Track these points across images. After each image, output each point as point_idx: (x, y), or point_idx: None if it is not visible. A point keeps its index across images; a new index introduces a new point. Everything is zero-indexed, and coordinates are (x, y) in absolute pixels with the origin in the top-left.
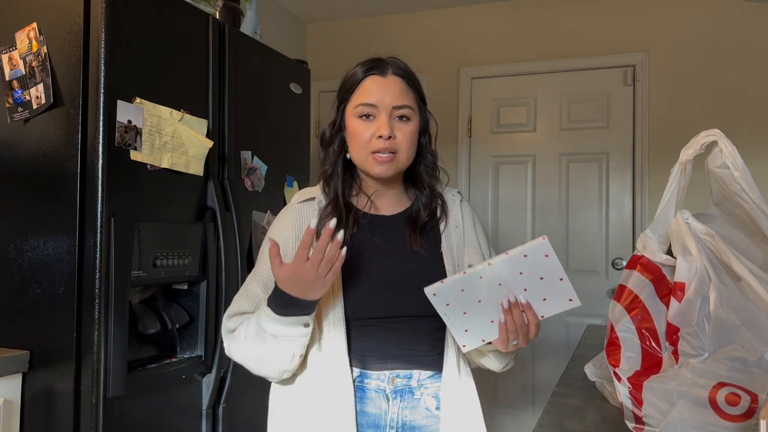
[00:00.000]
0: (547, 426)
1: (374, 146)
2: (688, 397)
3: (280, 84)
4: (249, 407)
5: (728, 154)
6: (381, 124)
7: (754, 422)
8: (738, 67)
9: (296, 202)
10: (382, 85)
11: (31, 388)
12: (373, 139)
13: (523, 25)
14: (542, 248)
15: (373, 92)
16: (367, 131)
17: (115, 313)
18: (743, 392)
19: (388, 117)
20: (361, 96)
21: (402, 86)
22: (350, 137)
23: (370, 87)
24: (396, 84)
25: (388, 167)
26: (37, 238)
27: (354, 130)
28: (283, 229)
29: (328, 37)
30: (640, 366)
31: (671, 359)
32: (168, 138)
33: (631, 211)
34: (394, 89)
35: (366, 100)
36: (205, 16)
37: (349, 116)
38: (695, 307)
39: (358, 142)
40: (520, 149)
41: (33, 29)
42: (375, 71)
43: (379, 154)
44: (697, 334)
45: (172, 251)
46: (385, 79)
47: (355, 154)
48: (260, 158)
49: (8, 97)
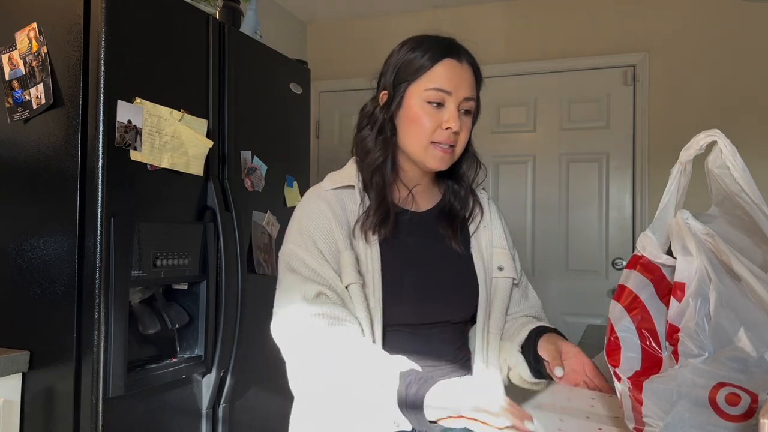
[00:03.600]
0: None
1: (438, 137)
2: (689, 397)
3: (280, 84)
4: (249, 407)
5: (728, 154)
6: (451, 115)
7: (755, 422)
8: (738, 67)
9: (330, 188)
10: (459, 73)
11: (31, 388)
12: (439, 130)
13: (523, 25)
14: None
15: (451, 78)
16: (433, 120)
17: (115, 313)
18: (743, 392)
19: (456, 108)
20: (436, 80)
21: (472, 77)
22: (408, 122)
23: (446, 71)
24: (469, 73)
25: (447, 160)
26: (37, 238)
27: (416, 116)
28: (323, 219)
29: (328, 37)
30: (640, 366)
31: (671, 359)
32: (168, 138)
33: (631, 211)
34: (468, 79)
35: (442, 86)
36: (205, 16)
37: (413, 99)
38: (695, 307)
39: (420, 130)
40: (520, 149)
41: (33, 29)
42: (452, 55)
43: (441, 145)
44: (697, 334)
45: (172, 251)
46: (461, 67)
47: (412, 141)
48: (260, 158)
49: (8, 97)
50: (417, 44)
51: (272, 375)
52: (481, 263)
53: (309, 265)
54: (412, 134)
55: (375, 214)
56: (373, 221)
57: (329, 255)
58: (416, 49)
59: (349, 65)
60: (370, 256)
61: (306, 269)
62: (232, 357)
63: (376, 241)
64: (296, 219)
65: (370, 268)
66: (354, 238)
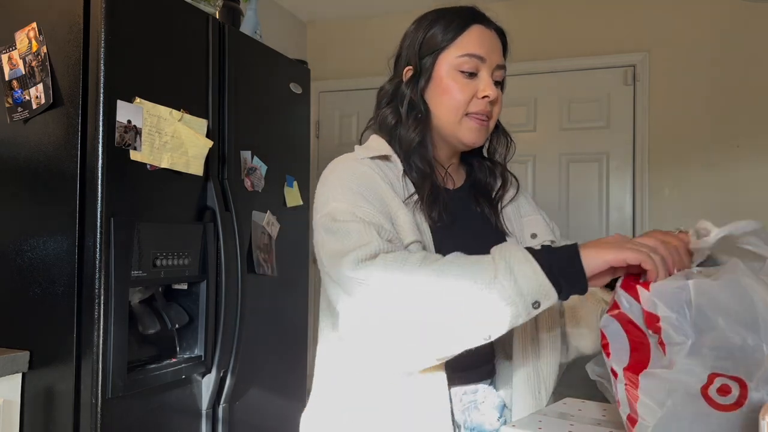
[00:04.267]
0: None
1: (473, 108)
2: (682, 389)
3: (280, 84)
4: (249, 407)
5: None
6: (487, 83)
7: (746, 410)
8: (738, 66)
9: (365, 157)
10: (490, 39)
11: (31, 388)
12: (474, 100)
13: (523, 25)
14: None
15: (482, 44)
16: (466, 90)
17: (114, 313)
18: (733, 381)
19: (490, 76)
20: (469, 46)
21: (501, 45)
22: (440, 94)
23: (479, 36)
24: (498, 41)
25: (484, 133)
26: (37, 238)
27: (448, 86)
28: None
29: (328, 37)
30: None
31: (658, 349)
32: (168, 138)
33: (631, 211)
34: (498, 46)
35: (476, 51)
36: (205, 16)
37: (443, 68)
38: (675, 293)
39: (454, 101)
40: (520, 149)
41: (33, 29)
42: (481, 21)
43: (477, 116)
44: (679, 322)
45: (172, 251)
46: (491, 33)
47: (444, 114)
48: (260, 158)
49: (8, 97)
50: (439, 15)
51: (272, 375)
52: (514, 240)
53: (362, 217)
54: (444, 106)
55: (425, 198)
56: (421, 205)
57: (380, 209)
58: (439, 20)
59: (349, 65)
60: (426, 234)
61: (359, 220)
62: (232, 357)
63: (424, 221)
64: (334, 182)
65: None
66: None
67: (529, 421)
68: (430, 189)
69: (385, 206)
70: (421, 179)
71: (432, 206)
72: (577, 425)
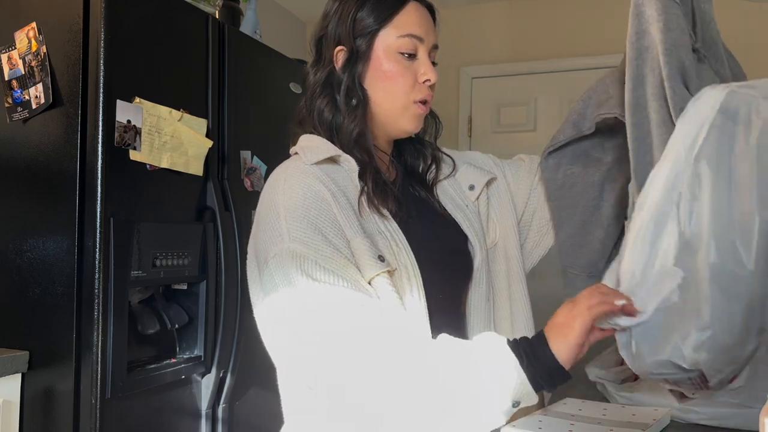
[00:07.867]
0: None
1: (418, 95)
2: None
3: (280, 84)
4: (249, 407)
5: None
6: (427, 66)
7: None
8: None
9: (310, 163)
10: (425, 16)
11: (31, 389)
12: (417, 85)
13: (523, 25)
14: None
15: (420, 23)
16: (409, 74)
17: (114, 313)
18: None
19: (428, 57)
20: (407, 25)
21: (433, 23)
22: (381, 80)
23: (417, 14)
24: (431, 18)
25: (422, 120)
26: (37, 239)
27: (390, 71)
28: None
29: None
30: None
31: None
32: (167, 138)
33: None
34: (432, 24)
35: (415, 31)
36: (204, 15)
37: (382, 50)
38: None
39: (398, 87)
40: (521, 149)
41: (32, 29)
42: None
43: (421, 104)
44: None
45: (172, 251)
46: (424, 10)
47: (388, 101)
48: (260, 158)
49: (7, 96)
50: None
51: (272, 375)
52: (452, 206)
53: (327, 268)
54: (388, 93)
55: (375, 191)
56: (376, 200)
57: (343, 247)
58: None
59: None
60: (393, 230)
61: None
62: (232, 357)
63: (389, 215)
64: (288, 205)
65: (400, 244)
66: (363, 218)
67: (529, 421)
68: (374, 179)
69: (342, 235)
70: (363, 171)
71: (384, 198)
72: (577, 425)
